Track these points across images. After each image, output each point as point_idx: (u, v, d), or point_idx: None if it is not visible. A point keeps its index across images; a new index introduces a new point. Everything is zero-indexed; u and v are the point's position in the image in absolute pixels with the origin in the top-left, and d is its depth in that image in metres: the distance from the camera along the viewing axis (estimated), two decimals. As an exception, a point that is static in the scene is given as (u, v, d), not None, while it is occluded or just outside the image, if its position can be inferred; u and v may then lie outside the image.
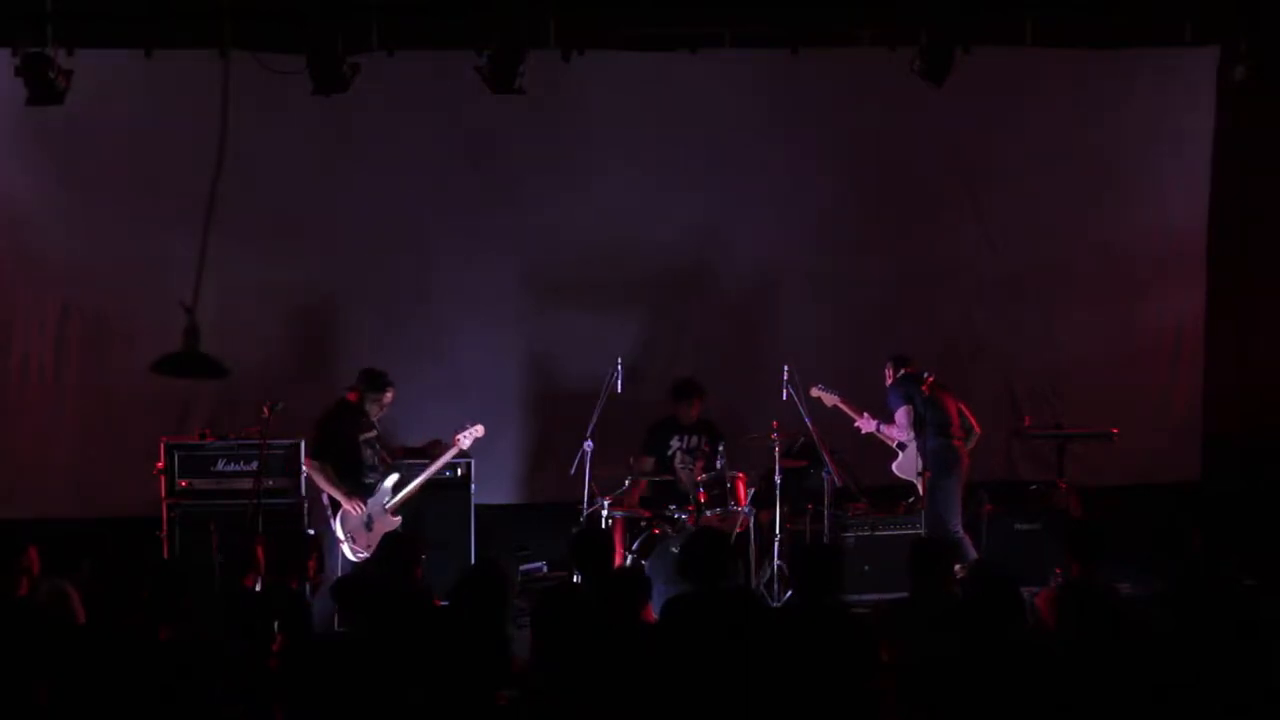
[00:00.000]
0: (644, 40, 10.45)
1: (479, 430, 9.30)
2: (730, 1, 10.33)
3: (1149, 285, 11.35)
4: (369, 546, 8.82)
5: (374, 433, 9.13)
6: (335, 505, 8.91)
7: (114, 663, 5.90)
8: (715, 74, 10.64)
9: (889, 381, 9.81)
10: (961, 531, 9.58)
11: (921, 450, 9.46)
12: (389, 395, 9.13)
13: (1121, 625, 6.33)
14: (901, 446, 9.68)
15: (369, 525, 8.90)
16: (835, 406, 9.84)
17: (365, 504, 8.92)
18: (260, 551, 7.01)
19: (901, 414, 9.64)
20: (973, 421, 9.86)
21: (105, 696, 5.82)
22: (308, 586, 7.15)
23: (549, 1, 9.91)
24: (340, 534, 8.86)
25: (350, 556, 8.84)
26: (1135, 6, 10.42)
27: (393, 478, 9.09)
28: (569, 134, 10.68)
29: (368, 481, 9.01)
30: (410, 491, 9.13)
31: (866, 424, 9.81)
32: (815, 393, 9.79)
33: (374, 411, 9.10)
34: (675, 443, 9.92)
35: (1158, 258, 11.31)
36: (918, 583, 6.55)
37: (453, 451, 9.29)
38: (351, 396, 9.11)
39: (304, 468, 9.07)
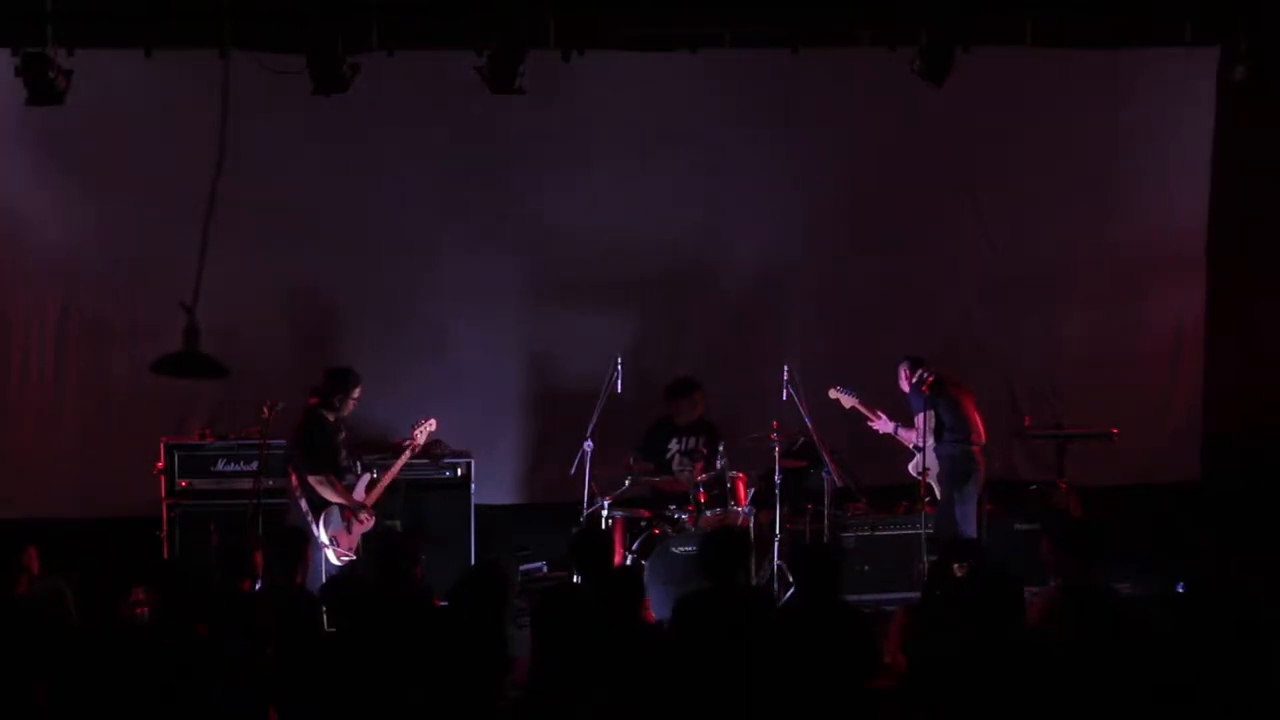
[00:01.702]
0: (644, 40, 10.45)
1: (431, 424, 9.21)
2: (730, 1, 10.33)
3: (1149, 285, 11.35)
4: (351, 549, 8.82)
5: (343, 434, 9.05)
6: (317, 509, 8.78)
7: (112, 663, 5.90)
8: (715, 74, 10.64)
9: (906, 384, 9.61)
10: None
11: (938, 455, 9.40)
12: (359, 391, 9.03)
13: (1119, 625, 6.32)
14: (918, 448, 9.57)
15: (349, 528, 8.87)
16: (853, 408, 9.75)
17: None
18: (258, 556, 7.00)
19: (921, 419, 9.45)
20: (980, 428, 9.78)
21: (104, 697, 5.82)
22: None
23: (549, 1, 9.91)
24: (324, 538, 8.77)
25: (334, 560, 8.77)
26: (1135, 6, 10.42)
27: (366, 478, 9.06)
28: (569, 134, 10.67)
29: (345, 483, 8.97)
30: (378, 493, 9.06)
31: (883, 425, 9.67)
32: (834, 394, 9.71)
33: (348, 408, 9.00)
34: (674, 445, 9.91)
35: (1158, 258, 11.30)
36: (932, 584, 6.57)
37: (408, 453, 9.18)
38: (314, 400, 8.93)
39: (309, 483, 8.79)
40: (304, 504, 8.79)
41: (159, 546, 9.27)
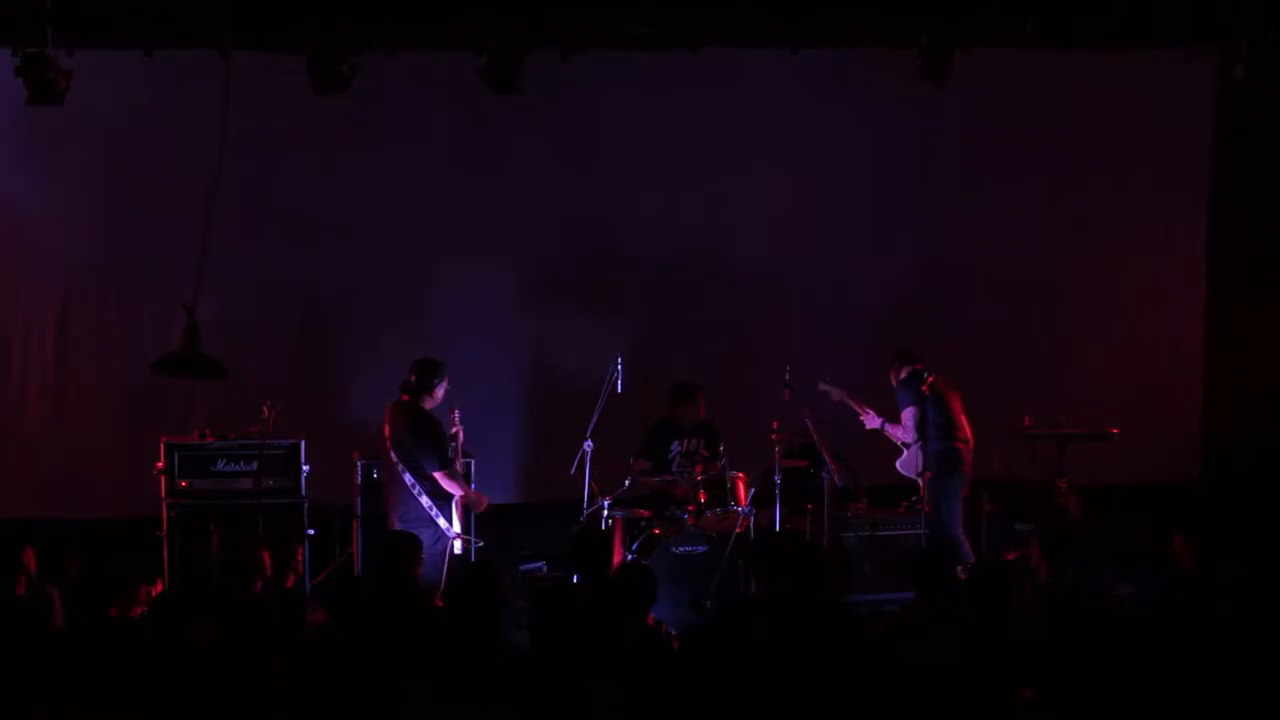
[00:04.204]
0: (644, 40, 10.44)
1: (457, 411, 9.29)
2: (730, 1, 10.32)
3: (1149, 285, 11.36)
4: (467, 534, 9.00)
5: None
6: (441, 501, 8.81)
7: (101, 666, 5.90)
8: (715, 74, 10.64)
9: (895, 378, 9.71)
10: (961, 535, 9.51)
11: (924, 452, 9.43)
12: (447, 382, 9.02)
13: (1100, 626, 6.33)
14: (906, 445, 9.63)
15: (468, 516, 9.01)
16: (841, 402, 9.78)
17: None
18: (266, 556, 7.00)
19: (908, 415, 9.55)
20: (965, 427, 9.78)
21: (103, 697, 5.82)
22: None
23: (549, 1, 9.91)
24: (457, 528, 8.84)
25: (459, 549, 8.84)
26: (1135, 6, 10.41)
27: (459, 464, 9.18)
28: (569, 134, 10.69)
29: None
30: None
31: (871, 420, 9.74)
32: (822, 387, 9.75)
33: (439, 398, 8.97)
34: (676, 447, 9.90)
35: (1158, 258, 11.32)
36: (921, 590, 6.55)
37: (461, 437, 9.27)
38: (406, 397, 8.94)
39: (435, 478, 8.81)
40: (425, 499, 8.79)
41: (159, 546, 9.26)
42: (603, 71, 10.47)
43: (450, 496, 8.86)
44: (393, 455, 8.87)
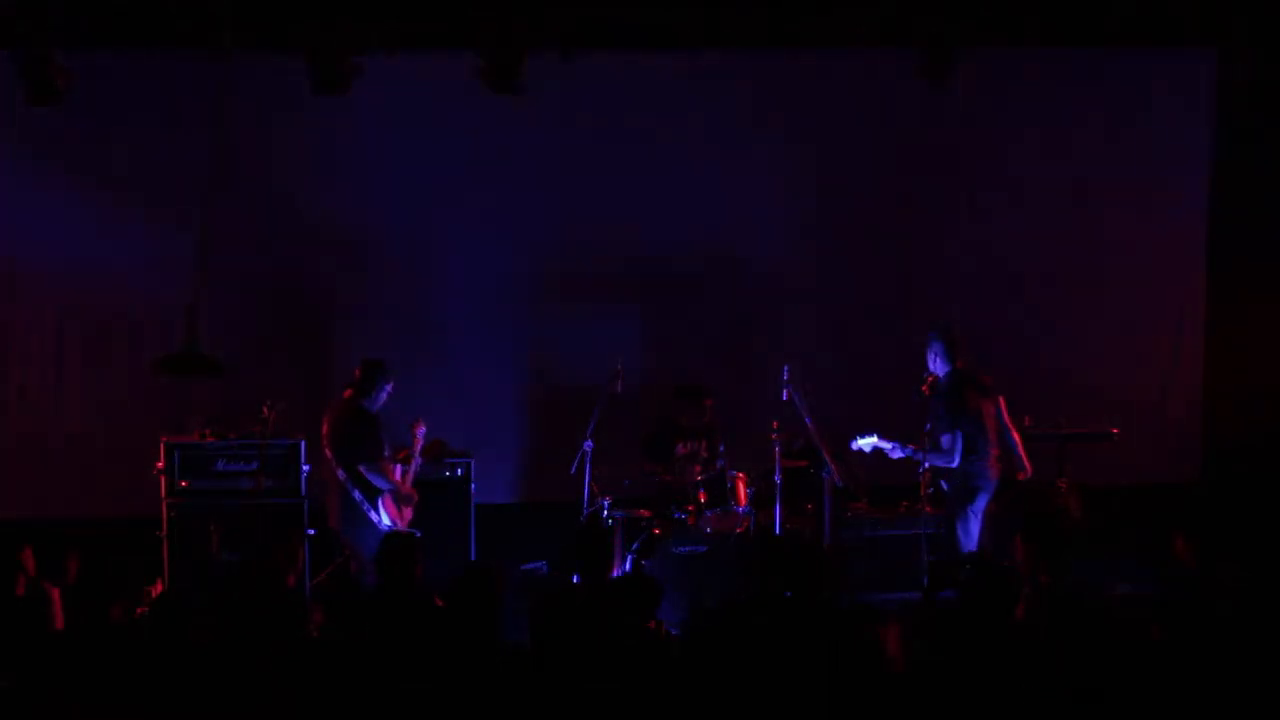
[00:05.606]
0: (644, 40, 10.45)
1: (421, 428, 9.38)
2: (730, 1, 10.33)
3: (1149, 285, 11.35)
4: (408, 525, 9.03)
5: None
6: (372, 497, 8.89)
7: (111, 663, 5.91)
8: (715, 74, 10.65)
9: (937, 365, 9.15)
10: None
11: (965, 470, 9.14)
12: (391, 385, 9.10)
13: (1094, 625, 6.32)
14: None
15: (401, 511, 9.02)
16: (875, 449, 9.14)
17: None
18: (301, 552, 7.00)
19: (946, 441, 8.98)
20: (1009, 425, 9.39)
21: (103, 697, 5.82)
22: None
23: (549, 1, 9.92)
24: (387, 522, 8.89)
25: None
26: (1134, 6, 10.42)
27: (399, 468, 9.18)
28: (569, 134, 10.69)
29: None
30: (410, 479, 9.26)
31: (897, 452, 9.16)
32: (855, 446, 9.13)
33: (382, 400, 9.06)
34: (679, 448, 9.90)
35: (1158, 257, 11.32)
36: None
37: (419, 456, 9.35)
38: (348, 394, 9.03)
39: (360, 472, 8.89)
40: (357, 494, 8.87)
41: (159, 546, 9.27)
42: (603, 71, 10.47)
43: (379, 491, 8.90)
44: (328, 452, 8.95)
